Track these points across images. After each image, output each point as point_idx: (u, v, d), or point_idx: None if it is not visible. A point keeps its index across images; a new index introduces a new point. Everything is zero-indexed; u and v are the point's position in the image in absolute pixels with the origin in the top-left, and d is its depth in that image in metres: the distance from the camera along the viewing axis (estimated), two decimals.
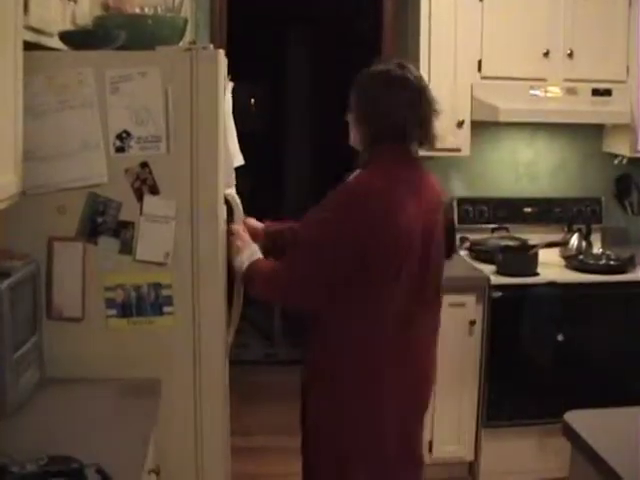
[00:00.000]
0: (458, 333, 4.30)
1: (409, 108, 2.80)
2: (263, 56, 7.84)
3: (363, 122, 2.87)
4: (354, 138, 2.92)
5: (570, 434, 2.34)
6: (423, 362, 2.94)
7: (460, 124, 4.58)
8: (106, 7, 2.97)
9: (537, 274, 4.41)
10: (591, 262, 4.59)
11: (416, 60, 4.53)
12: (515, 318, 4.31)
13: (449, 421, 4.37)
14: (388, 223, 2.70)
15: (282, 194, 8.70)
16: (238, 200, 3.06)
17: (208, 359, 2.76)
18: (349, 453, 2.83)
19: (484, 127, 4.76)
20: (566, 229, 4.81)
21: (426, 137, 2.86)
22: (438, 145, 2.89)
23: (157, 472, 2.54)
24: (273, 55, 8.34)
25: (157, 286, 2.68)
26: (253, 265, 2.91)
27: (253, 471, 4.42)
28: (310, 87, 8.64)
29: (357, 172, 2.87)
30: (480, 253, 4.70)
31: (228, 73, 3.00)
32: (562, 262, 4.64)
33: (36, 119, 2.56)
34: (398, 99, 2.80)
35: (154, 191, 2.66)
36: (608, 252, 4.73)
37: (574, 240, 4.70)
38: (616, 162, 5.01)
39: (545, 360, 4.35)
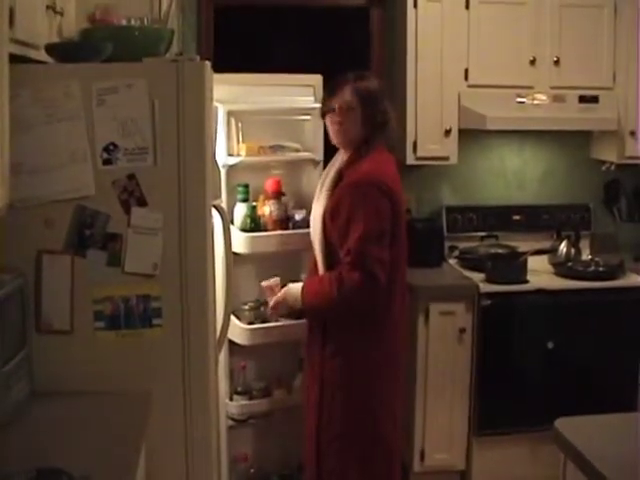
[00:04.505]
0: (448, 341, 4.31)
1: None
2: (251, 67, 7.83)
3: (366, 126, 3.41)
4: (347, 135, 3.45)
5: (561, 441, 2.34)
6: None
7: (447, 132, 4.59)
8: (92, 19, 2.97)
9: (526, 281, 4.42)
10: (580, 269, 4.60)
11: (403, 69, 4.55)
12: (505, 326, 4.32)
13: (440, 429, 4.37)
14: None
15: None
16: (225, 210, 3.06)
17: (197, 370, 2.75)
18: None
19: (472, 135, 4.77)
20: (555, 236, 4.81)
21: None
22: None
23: None
24: (261, 66, 8.32)
25: (146, 298, 2.68)
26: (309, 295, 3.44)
27: None
28: None
29: (357, 163, 3.39)
30: (469, 261, 4.71)
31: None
32: (551, 269, 4.65)
33: (23, 132, 2.55)
34: (391, 110, 3.50)
35: (142, 203, 2.65)
36: (597, 259, 4.75)
37: (563, 247, 4.71)
38: (604, 168, 5.03)
39: (535, 367, 4.36)
